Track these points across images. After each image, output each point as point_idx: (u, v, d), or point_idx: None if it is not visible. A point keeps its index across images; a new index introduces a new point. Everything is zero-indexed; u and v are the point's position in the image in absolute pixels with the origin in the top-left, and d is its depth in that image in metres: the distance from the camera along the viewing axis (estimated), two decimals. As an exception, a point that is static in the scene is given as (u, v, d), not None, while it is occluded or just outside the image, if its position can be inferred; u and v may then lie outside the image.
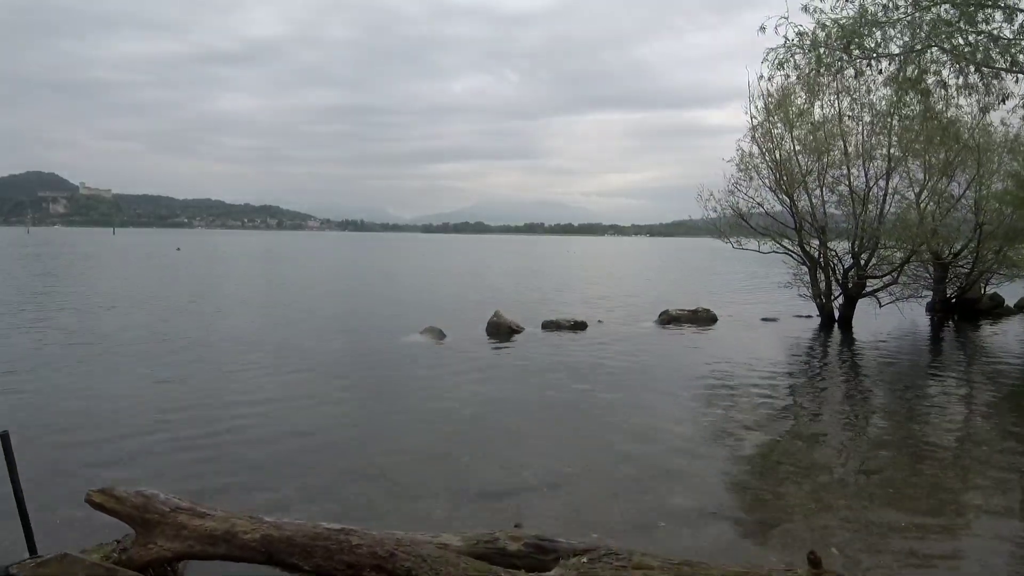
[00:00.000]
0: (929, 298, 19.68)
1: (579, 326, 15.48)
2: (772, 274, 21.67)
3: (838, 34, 8.83)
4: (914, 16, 8.76)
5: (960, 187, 17.69)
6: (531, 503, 5.47)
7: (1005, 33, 8.51)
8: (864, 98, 15.58)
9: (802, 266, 17.47)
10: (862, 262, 16.60)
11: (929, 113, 11.23)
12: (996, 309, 20.16)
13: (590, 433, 7.50)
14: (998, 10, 8.39)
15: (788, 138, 16.29)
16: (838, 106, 15.99)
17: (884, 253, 16.73)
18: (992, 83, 9.34)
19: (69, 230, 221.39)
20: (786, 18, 8.93)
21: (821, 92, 15.54)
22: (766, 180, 16.86)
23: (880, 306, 17.38)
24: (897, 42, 9.08)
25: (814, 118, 16.08)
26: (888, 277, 17.03)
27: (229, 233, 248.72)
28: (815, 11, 9.04)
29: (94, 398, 8.61)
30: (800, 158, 16.44)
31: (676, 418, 8.11)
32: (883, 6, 8.81)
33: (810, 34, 9.05)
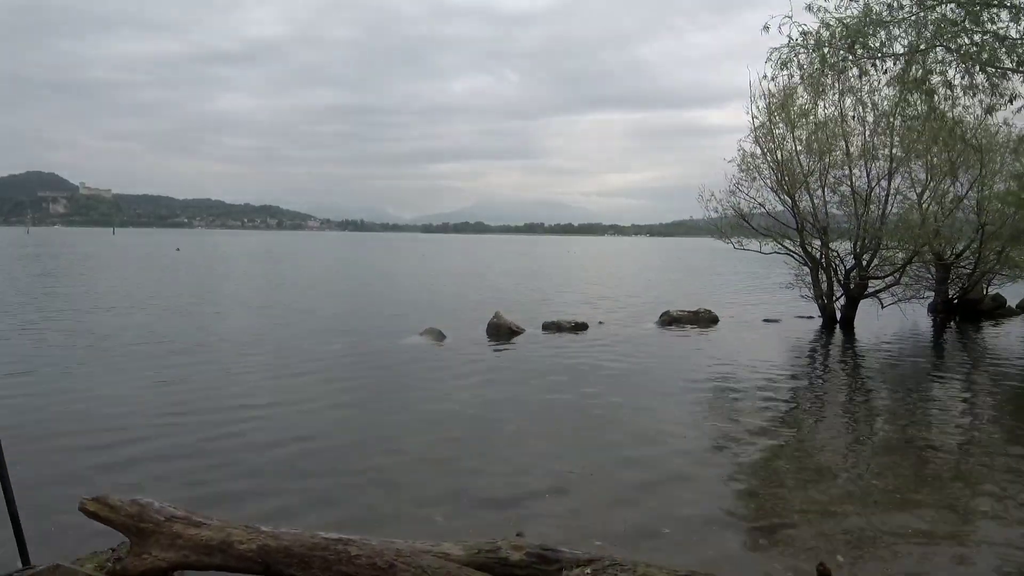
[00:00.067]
0: (931, 299, 19.60)
1: (580, 327, 15.40)
2: (773, 275, 21.61)
3: (842, 33, 8.76)
4: (919, 15, 8.69)
5: (962, 188, 17.64)
6: (533, 508, 5.40)
7: (1011, 33, 8.45)
8: (867, 98, 15.53)
9: (804, 267, 17.42)
10: (864, 263, 16.53)
11: (934, 113, 11.14)
12: (998, 310, 20.09)
13: (592, 436, 7.43)
14: (1004, 9, 8.31)
15: (790, 138, 16.23)
16: (841, 106, 15.95)
17: (886, 254, 16.67)
18: (998, 83, 9.26)
19: (69, 230, 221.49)
20: (790, 17, 8.87)
21: (824, 92, 15.47)
22: (767, 180, 16.84)
23: (882, 307, 17.32)
24: (902, 42, 9.02)
25: (816, 118, 16.03)
26: (890, 278, 16.97)
27: (229, 233, 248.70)
28: (819, 10, 8.98)
29: (92, 400, 8.53)
30: (802, 158, 16.39)
31: (679, 421, 8.04)
32: (888, 5, 8.75)
33: (814, 33, 8.98)
